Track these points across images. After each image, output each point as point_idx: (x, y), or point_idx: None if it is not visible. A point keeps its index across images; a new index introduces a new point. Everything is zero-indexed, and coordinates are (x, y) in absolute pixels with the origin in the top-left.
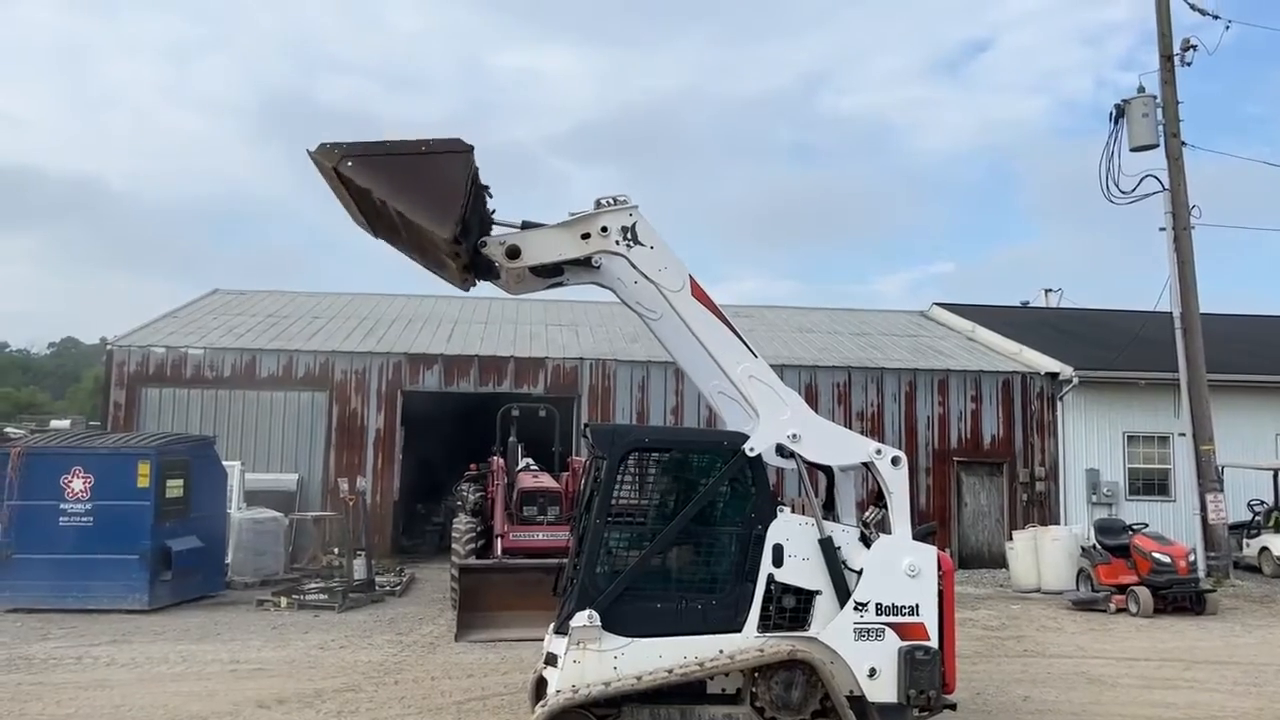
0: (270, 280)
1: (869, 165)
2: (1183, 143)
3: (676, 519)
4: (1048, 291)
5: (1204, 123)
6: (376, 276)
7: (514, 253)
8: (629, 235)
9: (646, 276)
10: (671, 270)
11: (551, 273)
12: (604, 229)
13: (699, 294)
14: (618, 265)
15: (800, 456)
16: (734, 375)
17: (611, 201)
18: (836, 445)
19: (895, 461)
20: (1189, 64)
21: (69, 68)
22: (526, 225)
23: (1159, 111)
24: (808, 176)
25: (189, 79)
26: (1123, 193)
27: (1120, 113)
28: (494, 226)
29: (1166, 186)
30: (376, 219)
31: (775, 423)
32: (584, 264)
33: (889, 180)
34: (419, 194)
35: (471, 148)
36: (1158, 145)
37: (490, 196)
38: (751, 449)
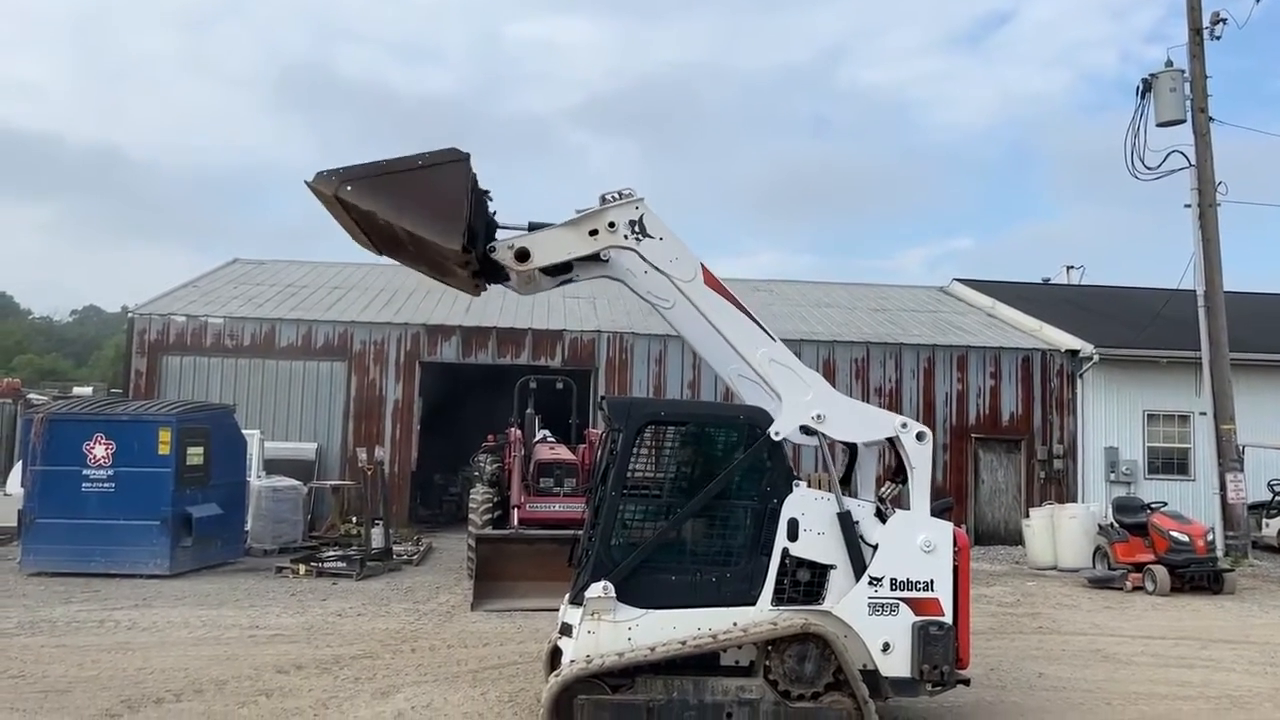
0: (289, 250)
1: (889, 139)
2: (1210, 118)
3: (699, 496)
4: (1069, 268)
5: (1232, 98)
6: None
7: (523, 255)
8: (637, 228)
9: (657, 268)
10: (682, 260)
11: (561, 270)
12: (611, 224)
13: (711, 281)
14: (628, 258)
15: (824, 435)
16: (753, 361)
17: (616, 196)
18: (862, 423)
19: (920, 437)
20: (1218, 38)
21: (86, 35)
22: (533, 227)
23: (1187, 86)
24: (827, 150)
25: (206, 48)
26: (1148, 168)
27: (1147, 87)
28: (499, 230)
29: (1193, 162)
30: (380, 237)
31: (799, 405)
32: (593, 259)
33: (909, 155)
34: (422, 210)
35: (468, 155)
36: (1184, 121)
37: (490, 200)
38: (777, 433)
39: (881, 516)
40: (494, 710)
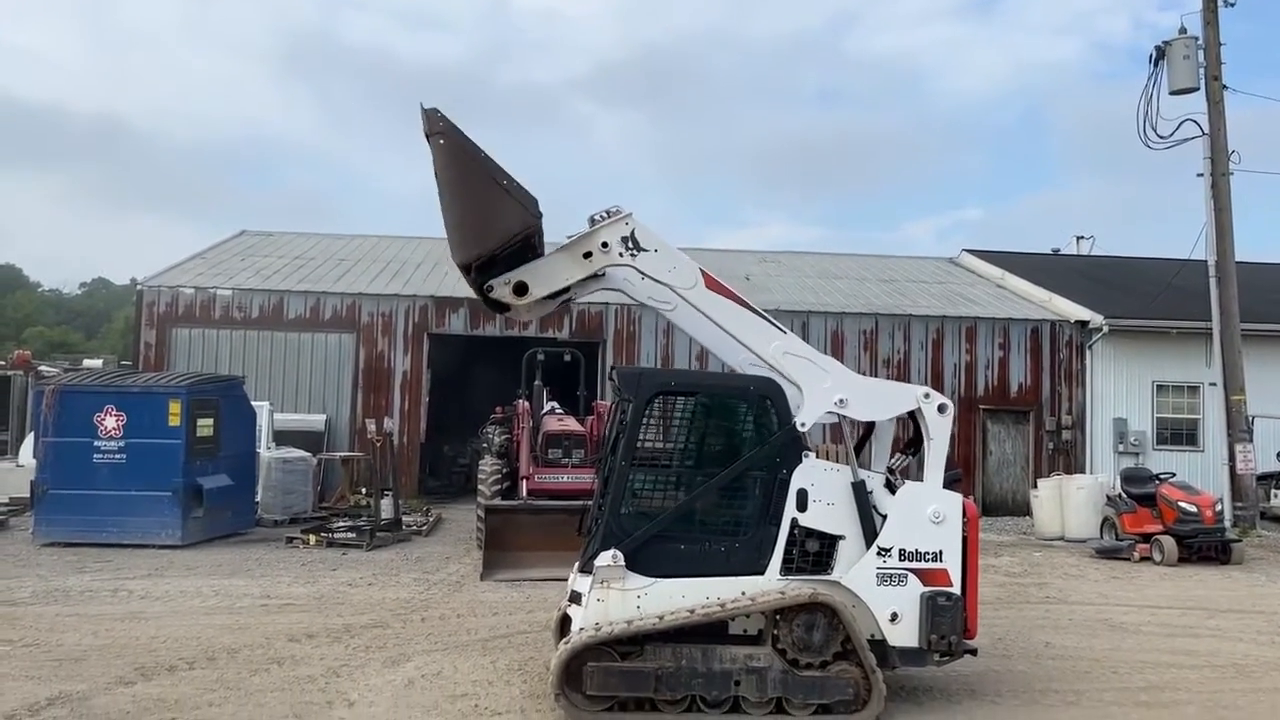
0: (296, 222)
1: (898, 109)
2: (1224, 86)
3: (722, 474)
4: (1080, 239)
5: (1245, 65)
6: (403, 219)
7: (521, 289)
8: (630, 244)
9: (657, 280)
10: (681, 269)
11: (560, 292)
12: (604, 245)
13: (713, 284)
14: (625, 272)
15: (848, 418)
16: (766, 356)
17: (605, 215)
18: (883, 400)
19: (942, 409)
20: (1232, 4)
21: (90, 3)
22: None
23: (1200, 53)
24: (836, 120)
25: (211, 16)
26: (1161, 137)
27: (1160, 54)
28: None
29: (1206, 131)
30: None
31: (819, 392)
32: (590, 277)
33: (919, 124)
34: (466, 212)
35: (540, 215)
36: (1198, 88)
37: (537, 255)
38: (803, 424)
39: (890, 488)
40: (503, 678)
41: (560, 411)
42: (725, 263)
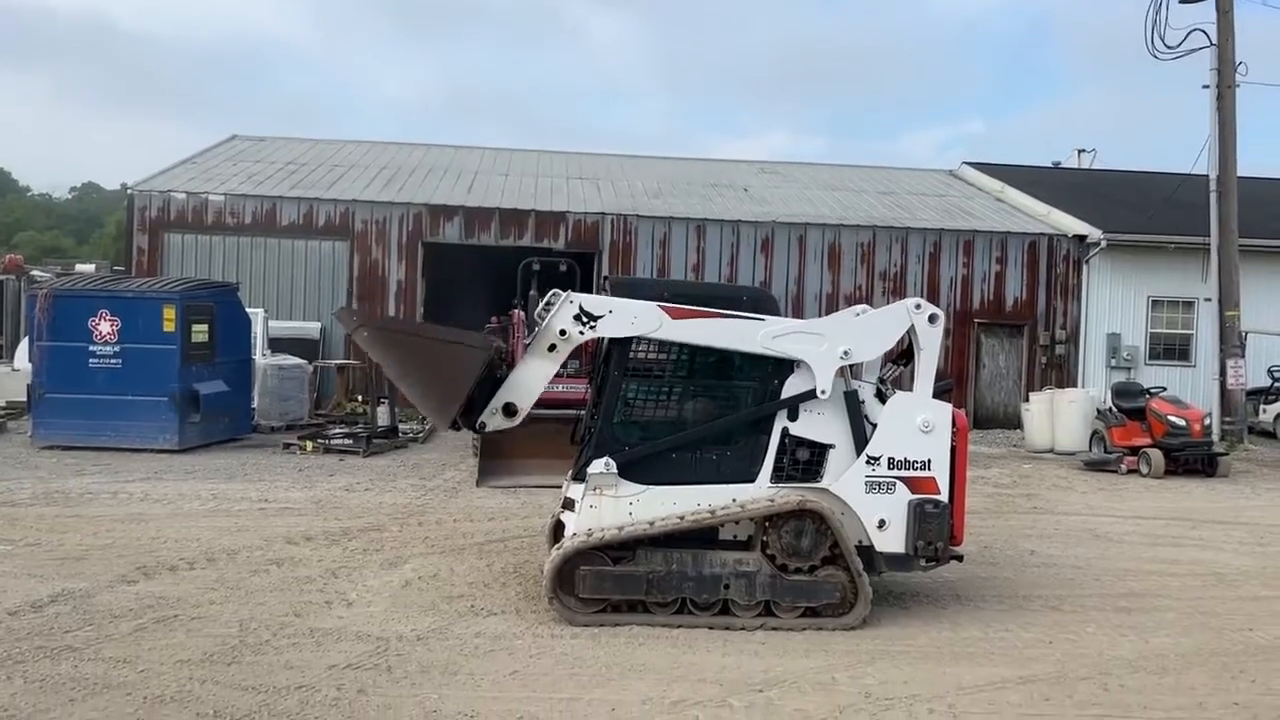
0: (288, 126)
1: (900, 16)
2: None
3: (738, 416)
4: (1081, 152)
5: None
6: (398, 125)
7: (511, 410)
8: (585, 319)
9: (625, 338)
10: (641, 317)
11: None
12: (562, 332)
13: (678, 314)
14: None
15: (858, 363)
16: (757, 349)
17: (547, 306)
18: (882, 332)
19: (933, 319)
20: None
21: None
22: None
23: None
24: (837, 26)
25: None
26: (1168, 47)
27: None
28: None
29: (1213, 41)
30: None
31: (822, 356)
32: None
33: (921, 33)
34: (425, 381)
35: (490, 345)
36: None
37: (505, 372)
38: (823, 392)
39: (881, 397)
40: (499, 580)
41: None
42: (724, 173)
